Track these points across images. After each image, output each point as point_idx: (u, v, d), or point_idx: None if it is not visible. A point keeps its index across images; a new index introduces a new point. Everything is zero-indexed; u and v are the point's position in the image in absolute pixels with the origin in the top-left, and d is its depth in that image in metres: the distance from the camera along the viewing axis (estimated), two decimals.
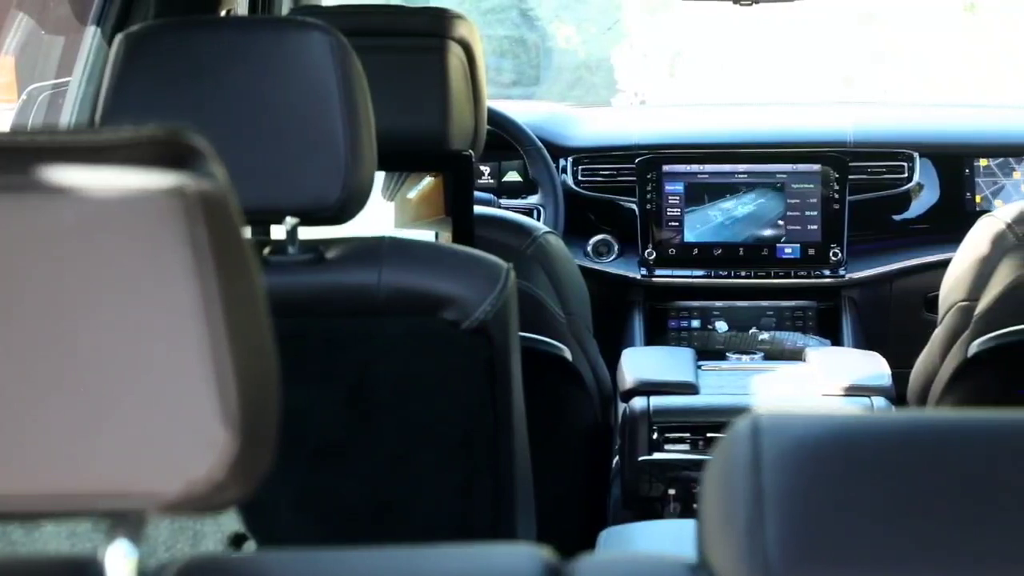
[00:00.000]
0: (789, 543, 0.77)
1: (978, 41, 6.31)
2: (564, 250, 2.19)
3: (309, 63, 1.41)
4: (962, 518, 0.77)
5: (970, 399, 2.07)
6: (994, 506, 0.78)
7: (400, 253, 1.48)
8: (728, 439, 0.83)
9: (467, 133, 2.03)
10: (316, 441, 1.49)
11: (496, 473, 1.51)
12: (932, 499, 0.78)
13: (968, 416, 0.82)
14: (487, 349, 1.48)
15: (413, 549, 0.81)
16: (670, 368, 2.33)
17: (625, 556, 0.84)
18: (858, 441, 0.81)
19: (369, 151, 1.46)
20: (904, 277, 2.71)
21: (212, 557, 0.92)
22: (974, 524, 0.77)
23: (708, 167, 2.72)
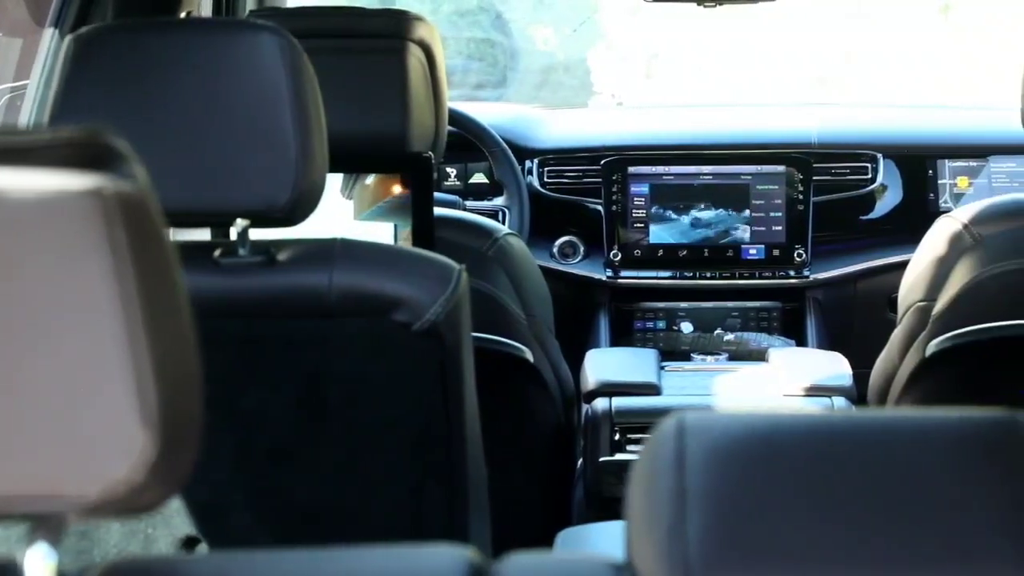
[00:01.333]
0: (710, 543, 0.78)
1: (953, 43, 6.34)
2: (525, 251, 2.20)
3: (259, 65, 1.41)
4: (879, 517, 0.78)
5: (928, 399, 2.08)
6: (911, 504, 0.78)
7: (351, 255, 1.48)
8: (654, 439, 0.84)
9: (427, 135, 2.03)
10: (268, 443, 1.49)
11: (449, 474, 1.51)
12: (851, 498, 0.79)
13: (887, 416, 0.83)
14: (439, 350, 1.48)
15: (338, 550, 0.81)
16: (633, 369, 2.34)
17: (551, 556, 0.84)
18: (780, 441, 0.82)
19: (320, 153, 1.46)
20: (868, 278, 2.72)
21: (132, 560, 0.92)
22: (891, 523, 0.78)
23: (673, 168, 2.73)
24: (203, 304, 1.46)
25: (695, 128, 2.91)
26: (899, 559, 0.77)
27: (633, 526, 0.81)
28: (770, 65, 6.31)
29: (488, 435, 2.10)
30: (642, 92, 6.29)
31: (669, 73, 6.54)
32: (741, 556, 0.78)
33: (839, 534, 0.78)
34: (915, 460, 0.80)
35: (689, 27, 6.22)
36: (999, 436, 0.80)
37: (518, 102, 3.70)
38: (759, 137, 2.82)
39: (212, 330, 1.47)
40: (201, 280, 1.46)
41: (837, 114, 2.96)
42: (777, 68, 6.32)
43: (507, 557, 0.82)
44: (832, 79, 6.36)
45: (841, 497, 0.79)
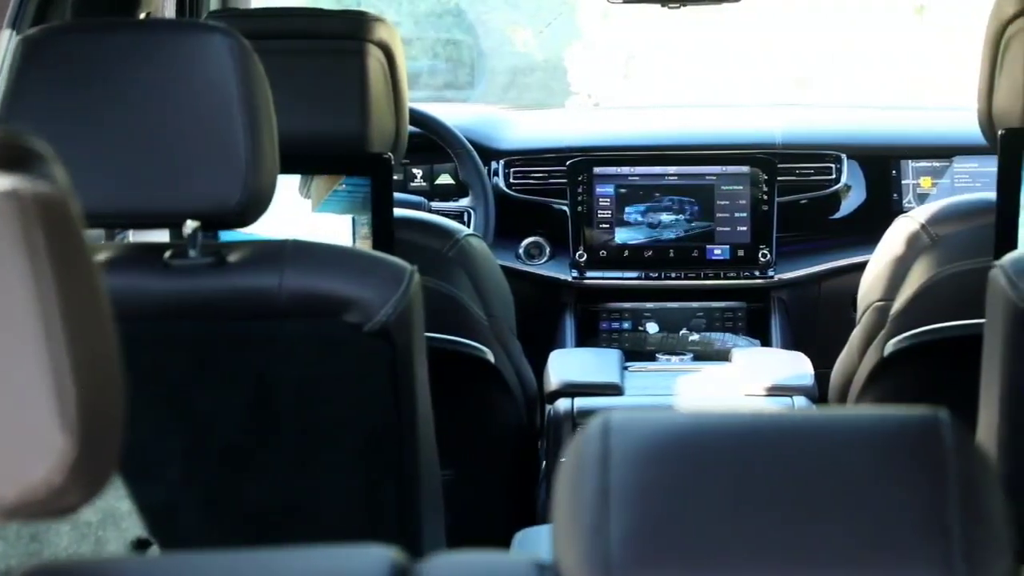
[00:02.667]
0: (632, 542, 0.78)
1: (927, 43, 6.37)
2: (486, 252, 2.20)
3: (209, 66, 1.41)
4: (801, 516, 0.78)
5: (887, 398, 2.09)
6: (834, 503, 0.79)
7: (302, 256, 1.48)
8: (580, 438, 0.84)
9: (388, 136, 2.04)
10: (219, 444, 1.49)
11: (401, 474, 1.51)
12: (773, 497, 0.79)
13: (812, 415, 0.83)
14: (390, 351, 1.48)
15: (262, 551, 0.81)
16: (595, 369, 2.34)
17: (477, 555, 0.84)
18: (704, 440, 0.82)
19: (271, 154, 1.46)
20: (832, 278, 2.73)
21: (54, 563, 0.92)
22: (813, 522, 0.78)
23: (639, 169, 2.73)
24: (153, 306, 1.46)
25: (661, 129, 2.91)
26: (821, 558, 0.78)
27: (558, 525, 0.81)
28: (749, 66, 6.33)
29: (450, 436, 2.10)
30: (620, 93, 6.30)
31: (647, 74, 6.55)
32: (663, 555, 0.78)
33: (760, 533, 0.78)
34: (838, 459, 0.80)
35: (667, 28, 6.23)
36: (922, 435, 0.81)
37: (486, 103, 3.69)
38: (724, 138, 2.82)
39: (162, 331, 1.48)
40: (151, 282, 1.46)
41: (801, 115, 2.97)
42: (756, 68, 6.34)
43: (432, 556, 0.82)
44: (809, 79, 6.38)
45: (764, 496, 0.79)
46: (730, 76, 6.31)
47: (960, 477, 0.78)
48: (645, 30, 6.46)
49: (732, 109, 3.12)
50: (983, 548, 0.77)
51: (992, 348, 1.49)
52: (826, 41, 6.49)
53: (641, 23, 6.38)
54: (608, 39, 6.59)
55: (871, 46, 6.43)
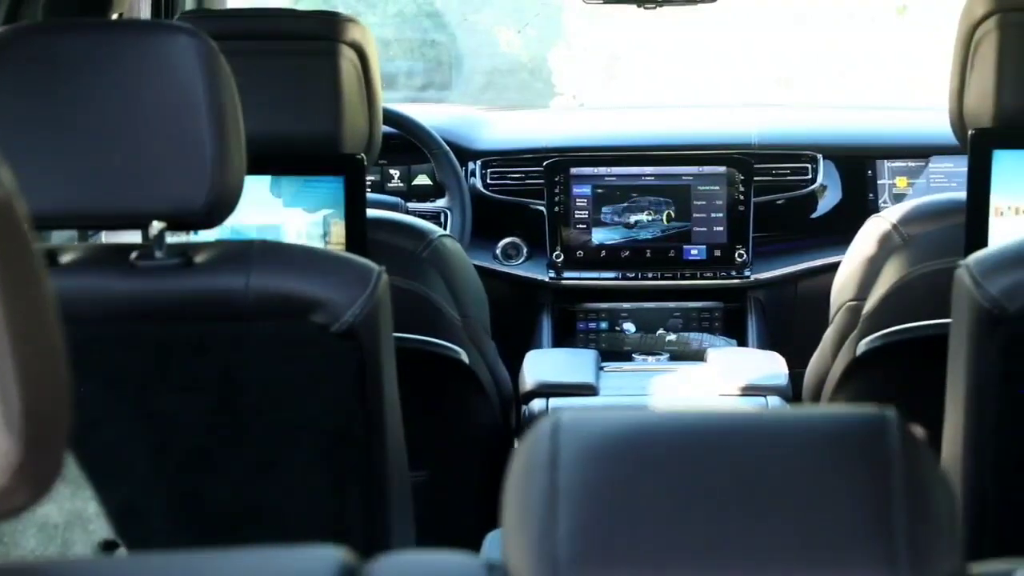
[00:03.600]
0: (580, 542, 0.78)
1: (909, 43, 6.38)
2: (460, 253, 2.20)
3: (175, 67, 1.41)
4: (749, 516, 0.78)
5: (860, 397, 2.09)
6: (781, 503, 0.79)
7: (269, 257, 1.48)
8: (530, 437, 0.84)
9: (361, 136, 2.03)
10: (186, 446, 1.49)
11: (368, 475, 1.51)
12: (722, 497, 0.79)
13: (761, 414, 0.83)
14: (357, 352, 1.48)
15: (210, 551, 0.81)
16: (571, 370, 2.34)
17: (427, 555, 0.84)
18: (653, 440, 0.82)
19: (237, 155, 1.46)
20: (809, 278, 2.74)
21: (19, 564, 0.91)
22: (760, 521, 0.78)
23: (616, 170, 2.74)
24: (119, 307, 1.46)
25: (638, 129, 2.92)
26: (765, 557, 0.78)
27: (507, 525, 0.81)
28: (733, 66, 6.34)
29: (424, 437, 2.10)
30: (604, 93, 6.31)
31: (632, 74, 6.56)
32: (610, 555, 0.78)
33: (709, 533, 0.78)
34: (785, 458, 0.80)
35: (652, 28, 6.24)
36: (869, 434, 0.81)
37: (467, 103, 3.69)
38: (701, 138, 2.83)
39: (128, 332, 1.47)
40: (117, 283, 1.46)
41: (778, 115, 2.98)
42: (739, 69, 6.35)
43: (382, 556, 0.82)
44: (792, 79, 6.40)
45: (711, 496, 0.79)
46: (714, 76, 6.32)
47: (906, 476, 0.79)
48: (630, 30, 6.48)
49: (709, 110, 3.13)
50: (929, 547, 0.77)
51: (957, 347, 1.50)
52: (809, 41, 6.50)
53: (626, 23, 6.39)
54: (593, 40, 6.60)
55: (854, 46, 6.45)
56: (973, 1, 1.91)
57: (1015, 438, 1.43)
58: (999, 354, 1.43)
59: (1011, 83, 1.86)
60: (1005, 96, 1.86)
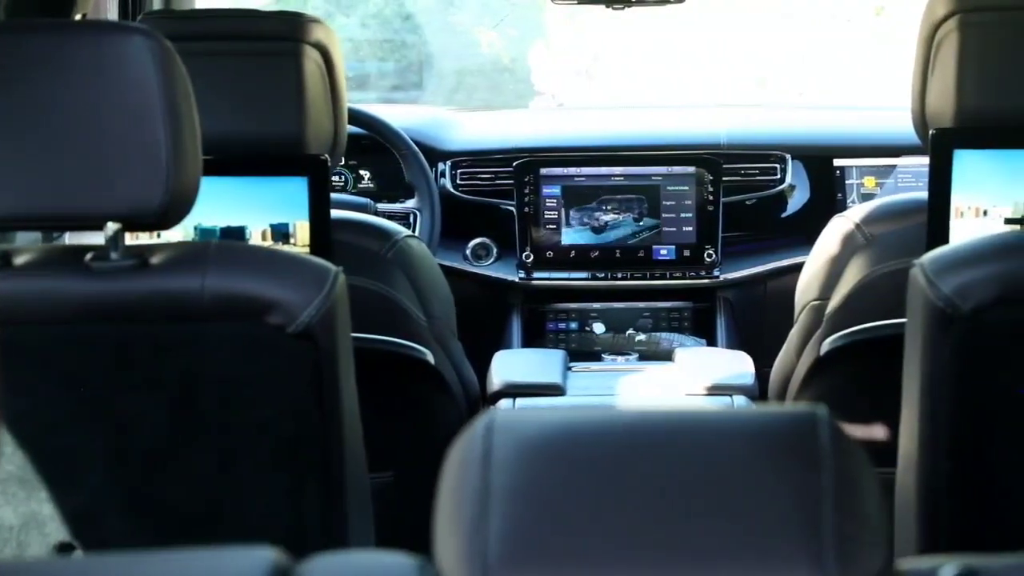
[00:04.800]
0: (510, 541, 0.78)
1: (886, 44, 6.41)
2: (426, 253, 2.20)
3: (129, 67, 1.41)
4: (679, 514, 0.79)
5: (824, 396, 2.10)
6: (711, 502, 0.79)
7: (225, 258, 1.48)
8: (464, 436, 0.84)
9: (325, 137, 2.03)
10: (142, 447, 1.49)
11: (326, 476, 1.51)
12: (652, 495, 0.79)
13: (693, 413, 0.84)
14: (313, 352, 1.48)
15: (142, 553, 0.81)
16: (538, 370, 2.35)
17: (359, 555, 0.84)
18: (585, 439, 0.82)
19: (193, 156, 1.45)
20: (777, 277, 2.75)
21: None
22: (689, 520, 0.79)
23: (585, 170, 2.74)
24: (74, 308, 1.46)
25: (607, 130, 2.92)
26: (693, 556, 0.78)
27: (440, 524, 0.82)
28: (711, 66, 6.35)
29: (390, 438, 2.10)
30: (584, 93, 6.32)
31: (611, 74, 6.58)
32: (540, 555, 0.78)
33: (635, 532, 0.79)
34: (716, 458, 0.81)
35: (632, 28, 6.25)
36: (799, 433, 0.81)
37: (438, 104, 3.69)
38: (670, 138, 2.84)
39: (84, 334, 1.47)
40: (72, 284, 1.46)
41: (747, 116, 2.98)
42: (718, 69, 6.37)
43: (314, 557, 0.82)
44: (770, 79, 6.41)
45: (641, 495, 0.79)
46: (693, 76, 6.34)
47: (835, 475, 0.79)
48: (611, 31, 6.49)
49: (678, 110, 3.13)
50: (856, 544, 0.77)
51: (912, 345, 1.51)
52: (787, 41, 6.52)
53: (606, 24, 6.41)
54: (573, 41, 6.61)
55: (832, 46, 6.47)
56: (934, 2, 1.92)
57: (969, 436, 1.44)
58: (952, 353, 1.43)
59: (972, 83, 1.87)
60: (966, 96, 1.87)
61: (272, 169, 2.02)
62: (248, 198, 2.07)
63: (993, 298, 1.41)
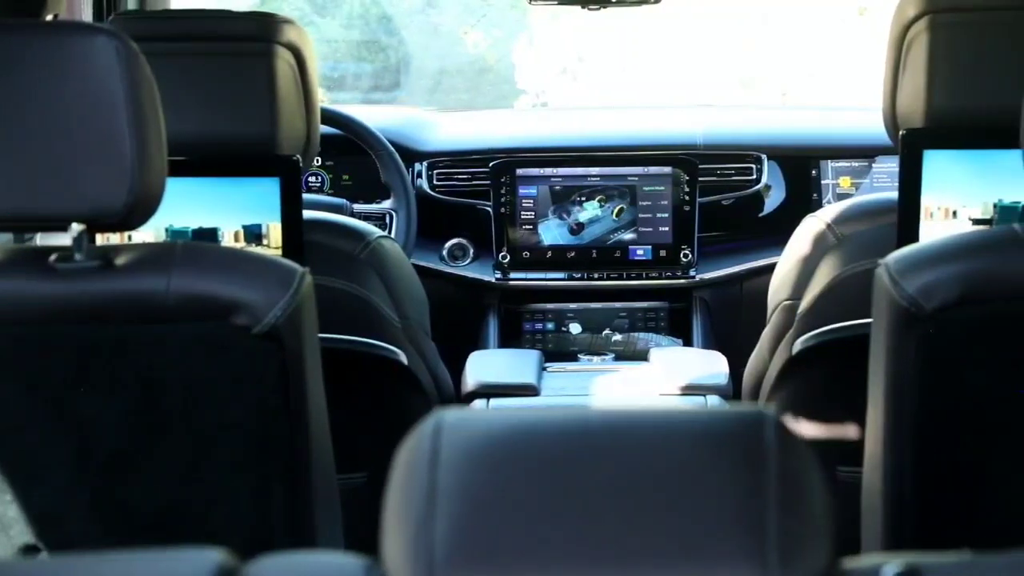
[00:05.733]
0: (456, 541, 0.78)
1: (869, 44, 6.42)
2: (399, 254, 2.19)
3: (93, 68, 1.40)
4: (624, 514, 0.79)
5: (796, 396, 2.11)
6: (656, 501, 0.79)
7: (191, 258, 1.48)
8: (413, 436, 0.84)
9: (298, 138, 2.03)
10: (107, 449, 1.48)
11: (293, 477, 1.51)
12: (598, 495, 0.79)
13: (639, 413, 0.84)
14: (279, 353, 1.48)
15: (90, 556, 0.81)
16: (512, 370, 2.35)
17: (305, 556, 0.84)
18: (532, 439, 0.82)
19: (158, 157, 1.45)
20: (753, 277, 2.75)
21: None
22: (634, 520, 0.79)
23: (562, 171, 2.74)
24: (38, 309, 1.45)
25: (584, 130, 2.93)
26: (640, 556, 0.78)
27: (387, 524, 0.82)
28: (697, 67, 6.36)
29: (363, 438, 2.09)
30: (567, 94, 6.33)
31: (595, 75, 6.58)
32: (486, 555, 0.78)
33: (584, 532, 0.79)
34: (664, 457, 0.81)
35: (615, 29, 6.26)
36: (745, 433, 0.81)
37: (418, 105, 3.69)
38: (646, 139, 2.84)
39: (49, 336, 1.47)
40: (36, 285, 1.45)
41: (723, 116, 2.99)
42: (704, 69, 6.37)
43: (261, 557, 0.82)
44: (754, 80, 6.42)
45: (590, 495, 0.80)
46: (678, 77, 6.34)
47: (780, 473, 0.79)
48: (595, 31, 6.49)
49: (655, 111, 3.14)
50: (799, 543, 0.78)
51: (877, 345, 1.51)
52: (771, 42, 6.53)
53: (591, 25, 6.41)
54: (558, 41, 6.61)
55: (816, 47, 6.48)
56: (905, 3, 1.93)
57: (933, 435, 1.44)
58: (916, 352, 1.44)
59: (942, 84, 1.87)
60: (936, 97, 1.87)
61: (244, 170, 2.02)
62: (220, 199, 2.06)
63: (956, 297, 1.42)
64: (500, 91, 6.33)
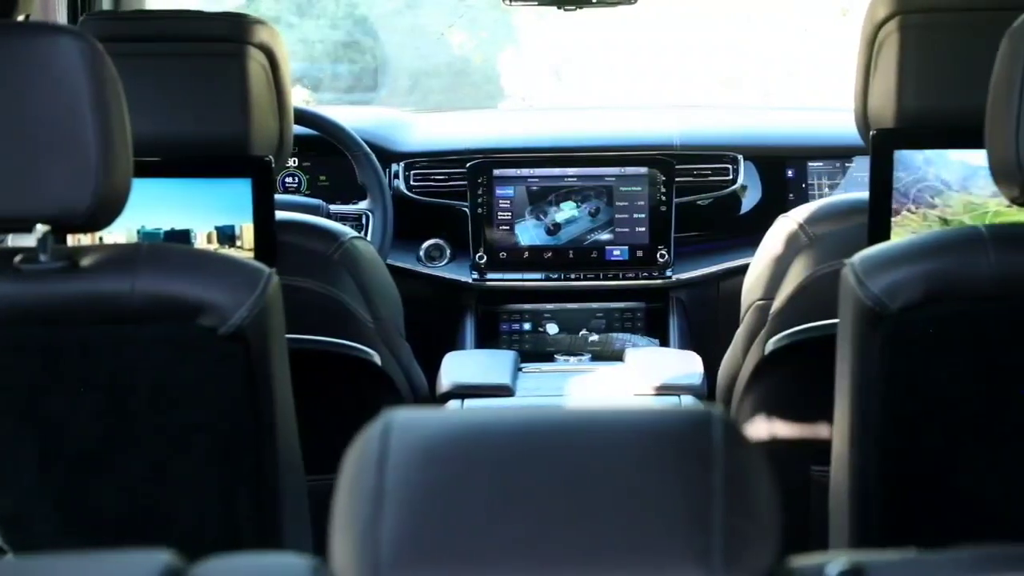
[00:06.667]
0: (402, 542, 0.78)
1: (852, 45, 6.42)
2: (373, 255, 2.19)
3: (57, 69, 1.40)
4: (571, 514, 0.79)
5: (769, 395, 2.11)
6: (603, 501, 0.79)
7: (156, 259, 1.47)
8: (362, 437, 0.84)
9: (270, 139, 2.03)
10: (74, 451, 1.48)
11: (260, 479, 1.51)
12: (545, 496, 0.79)
13: (588, 413, 0.84)
14: (245, 355, 1.47)
15: (37, 557, 0.81)
16: (487, 371, 2.35)
17: (251, 557, 0.84)
18: (480, 440, 0.82)
19: (124, 158, 1.45)
20: (730, 277, 2.75)
21: None
22: (581, 520, 0.79)
23: (539, 171, 2.74)
24: (4, 311, 1.45)
25: (561, 131, 2.93)
26: (587, 556, 0.78)
27: (335, 524, 0.82)
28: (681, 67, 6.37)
29: (337, 439, 2.08)
30: (551, 95, 6.33)
31: (580, 76, 6.58)
32: (432, 556, 0.78)
33: (531, 532, 0.79)
34: (611, 457, 0.81)
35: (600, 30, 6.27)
36: (692, 431, 0.81)
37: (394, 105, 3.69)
38: (623, 139, 2.84)
39: (13, 337, 1.46)
40: (1, 287, 1.45)
41: (699, 117, 2.99)
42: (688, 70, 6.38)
43: (208, 559, 0.82)
44: (738, 79, 6.43)
45: (538, 495, 0.80)
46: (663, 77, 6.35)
47: (727, 472, 0.79)
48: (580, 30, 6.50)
49: (632, 111, 3.14)
50: (744, 542, 0.78)
51: (843, 344, 1.51)
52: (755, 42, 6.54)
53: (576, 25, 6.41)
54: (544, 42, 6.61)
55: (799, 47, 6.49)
56: (876, 3, 1.93)
57: (898, 433, 1.45)
58: (881, 351, 1.44)
59: (913, 84, 1.88)
60: (907, 97, 1.88)
61: (216, 171, 2.02)
62: (193, 200, 2.06)
63: (920, 296, 1.42)
64: (485, 92, 6.33)
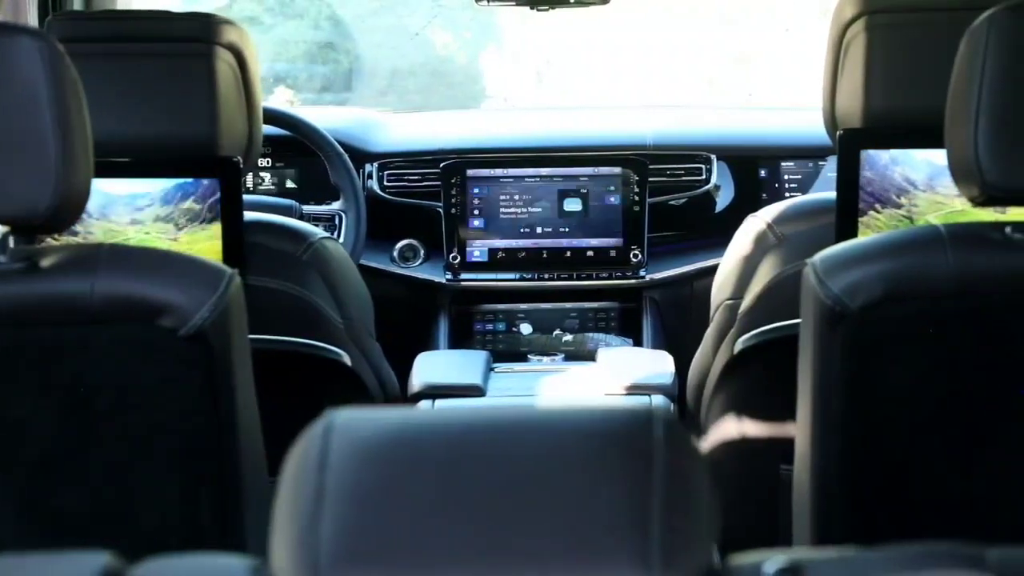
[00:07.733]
0: (342, 541, 0.78)
1: None
2: (342, 255, 2.19)
3: (16, 69, 1.39)
4: (511, 514, 0.79)
5: (739, 394, 2.11)
6: (543, 501, 0.79)
7: (116, 260, 1.47)
8: (303, 437, 0.84)
9: (239, 139, 2.02)
10: (36, 452, 1.47)
11: (222, 480, 1.50)
12: (486, 496, 0.79)
13: (530, 412, 0.84)
14: (207, 355, 1.47)
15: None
16: (459, 371, 2.34)
17: (194, 558, 0.84)
18: (422, 440, 0.82)
19: (84, 159, 1.44)
20: (703, 277, 2.75)
21: None
22: (521, 520, 0.79)
23: (512, 171, 2.74)
24: None
25: (535, 131, 2.93)
26: (524, 556, 0.78)
27: (276, 524, 0.81)
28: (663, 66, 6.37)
29: None
30: (532, 96, 6.33)
31: (561, 77, 6.59)
32: (371, 556, 0.78)
33: (471, 532, 0.79)
34: (552, 456, 0.81)
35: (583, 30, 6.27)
36: (633, 430, 0.81)
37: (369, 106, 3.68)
38: (597, 140, 2.84)
39: None
40: None
41: (673, 117, 2.99)
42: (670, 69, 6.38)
43: (146, 560, 0.82)
44: (720, 80, 6.44)
45: (476, 494, 0.80)
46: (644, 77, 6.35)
47: (667, 471, 0.79)
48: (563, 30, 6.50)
49: (606, 111, 3.14)
50: (683, 541, 0.78)
51: (805, 344, 1.52)
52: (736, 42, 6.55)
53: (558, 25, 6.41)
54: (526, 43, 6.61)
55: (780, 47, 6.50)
56: (843, 3, 1.94)
57: (858, 432, 1.45)
58: (842, 351, 1.44)
59: (880, 84, 1.88)
60: (874, 97, 1.88)
61: (184, 171, 2.01)
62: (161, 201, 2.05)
63: (880, 296, 1.42)
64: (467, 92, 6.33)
